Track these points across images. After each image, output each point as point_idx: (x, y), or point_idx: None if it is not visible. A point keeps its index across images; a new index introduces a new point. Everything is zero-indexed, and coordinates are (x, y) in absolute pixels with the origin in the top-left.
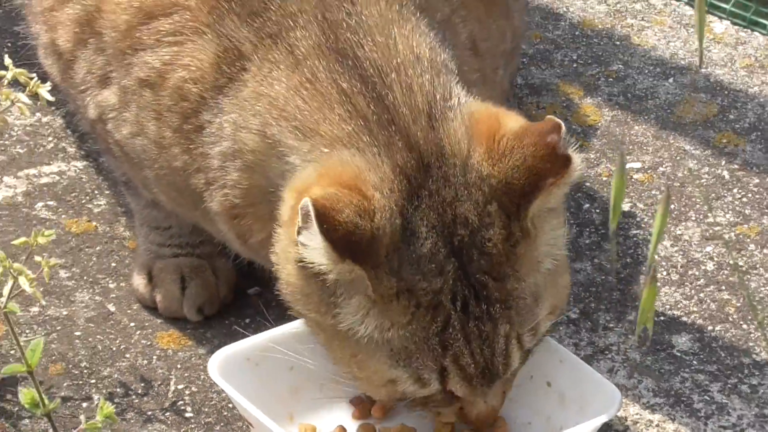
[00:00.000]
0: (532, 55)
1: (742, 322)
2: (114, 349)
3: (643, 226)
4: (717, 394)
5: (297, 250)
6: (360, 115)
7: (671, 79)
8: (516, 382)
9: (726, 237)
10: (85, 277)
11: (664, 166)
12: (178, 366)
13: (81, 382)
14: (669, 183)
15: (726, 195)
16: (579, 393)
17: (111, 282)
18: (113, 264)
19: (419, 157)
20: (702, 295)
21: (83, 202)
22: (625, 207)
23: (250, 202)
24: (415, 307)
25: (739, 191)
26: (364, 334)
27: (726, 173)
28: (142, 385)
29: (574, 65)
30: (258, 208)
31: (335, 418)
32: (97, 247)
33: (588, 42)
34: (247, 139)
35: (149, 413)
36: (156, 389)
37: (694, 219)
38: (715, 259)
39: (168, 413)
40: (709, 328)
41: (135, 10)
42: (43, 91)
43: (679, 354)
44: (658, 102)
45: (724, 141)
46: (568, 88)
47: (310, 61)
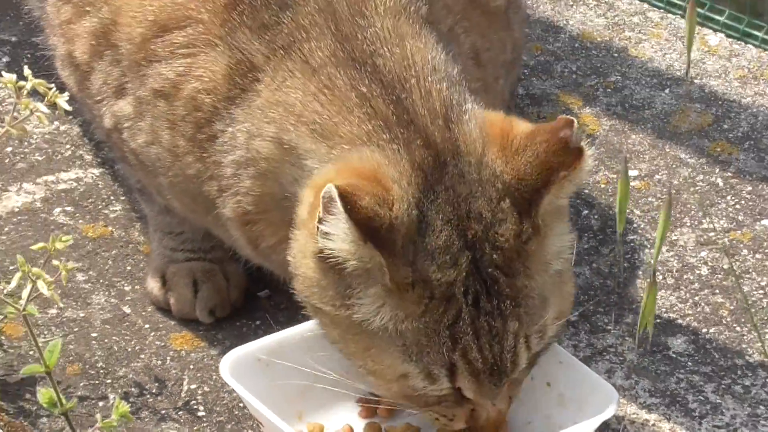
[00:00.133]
0: (533, 66)
1: (735, 325)
2: (129, 350)
3: (639, 231)
4: (711, 395)
5: (316, 242)
6: (380, 116)
7: (667, 90)
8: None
9: (720, 242)
10: (101, 281)
11: (660, 174)
12: (191, 366)
13: (97, 382)
14: (665, 191)
15: (720, 202)
16: (578, 393)
17: (126, 285)
18: (128, 267)
19: (436, 154)
20: (697, 298)
21: (99, 207)
22: None
23: (262, 208)
24: (429, 298)
25: (733, 198)
26: (379, 325)
27: (720, 181)
28: (156, 384)
29: (574, 76)
30: (270, 215)
31: (343, 417)
32: (113, 252)
33: (587, 54)
34: (261, 147)
35: (163, 412)
36: (169, 389)
37: (689, 225)
38: (710, 263)
39: (181, 412)
40: (704, 330)
41: (149, 23)
42: (61, 100)
43: (674, 355)
44: (654, 112)
45: (719, 150)
46: (567, 99)
47: (326, 69)
